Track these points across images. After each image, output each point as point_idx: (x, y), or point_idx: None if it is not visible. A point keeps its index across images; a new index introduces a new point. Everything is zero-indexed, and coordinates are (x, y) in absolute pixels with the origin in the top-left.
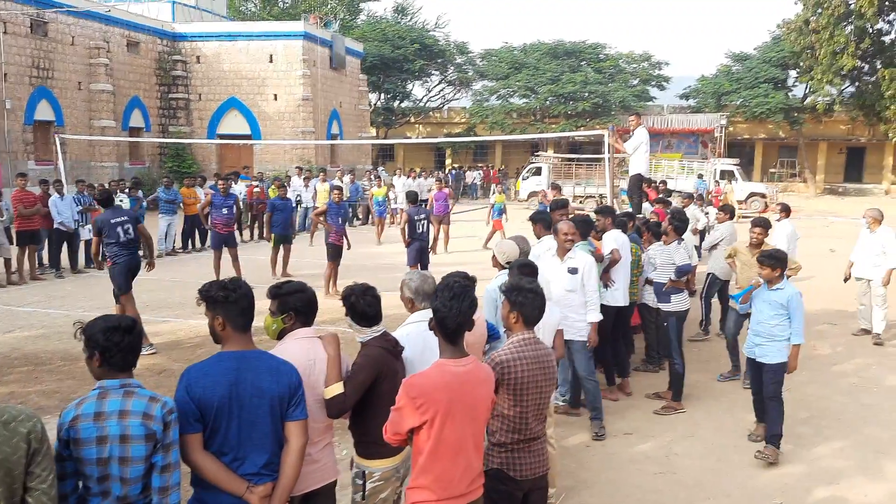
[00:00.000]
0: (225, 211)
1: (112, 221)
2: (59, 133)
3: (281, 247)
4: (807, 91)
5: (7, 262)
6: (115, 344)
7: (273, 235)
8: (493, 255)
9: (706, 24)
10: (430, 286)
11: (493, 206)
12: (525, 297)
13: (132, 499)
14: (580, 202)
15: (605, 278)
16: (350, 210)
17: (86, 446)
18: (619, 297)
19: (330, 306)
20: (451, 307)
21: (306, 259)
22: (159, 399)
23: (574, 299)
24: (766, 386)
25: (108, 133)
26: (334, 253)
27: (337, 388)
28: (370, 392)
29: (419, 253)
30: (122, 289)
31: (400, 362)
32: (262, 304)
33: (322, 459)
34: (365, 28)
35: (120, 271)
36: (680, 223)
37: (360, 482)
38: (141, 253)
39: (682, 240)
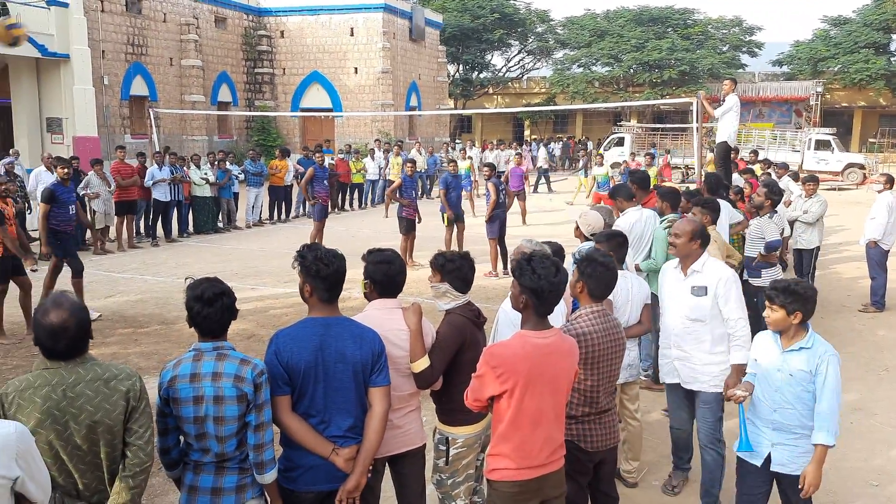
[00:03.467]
0: (326, 182)
1: None
2: (154, 107)
3: (455, 226)
4: None
5: (106, 230)
6: (196, 313)
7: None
8: (577, 227)
9: None
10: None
11: (595, 179)
12: (593, 270)
13: (229, 455)
14: None
15: None
16: (428, 182)
17: (183, 405)
18: None
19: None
20: (556, 280)
21: (384, 230)
22: (250, 362)
23: (700, 333)
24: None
25: (198, 107)
26: (408, 226)
27: (424, 362)
28: (453, 360)
29: (500, 226)
30: None
31: (482, 332)
32: (352, 273)
33: (405, 426)
34: None
35: None
36: (776, 196)
37: (444, 448)
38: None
39: (776, 212)
